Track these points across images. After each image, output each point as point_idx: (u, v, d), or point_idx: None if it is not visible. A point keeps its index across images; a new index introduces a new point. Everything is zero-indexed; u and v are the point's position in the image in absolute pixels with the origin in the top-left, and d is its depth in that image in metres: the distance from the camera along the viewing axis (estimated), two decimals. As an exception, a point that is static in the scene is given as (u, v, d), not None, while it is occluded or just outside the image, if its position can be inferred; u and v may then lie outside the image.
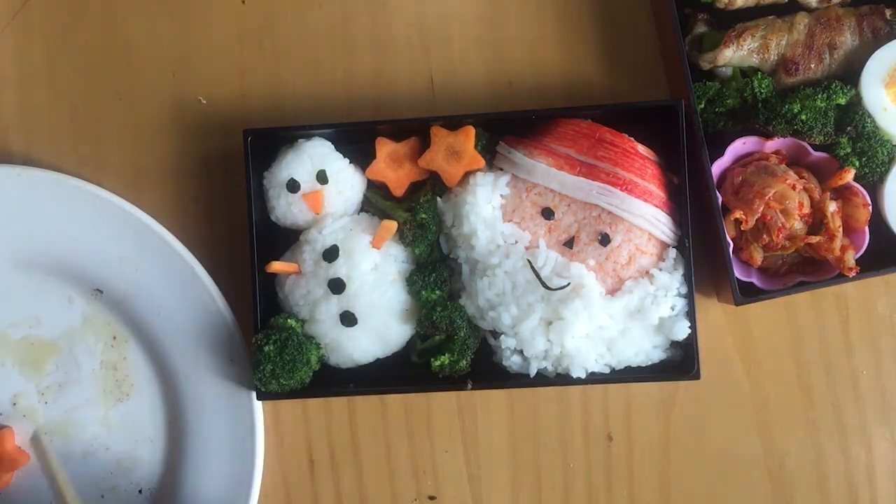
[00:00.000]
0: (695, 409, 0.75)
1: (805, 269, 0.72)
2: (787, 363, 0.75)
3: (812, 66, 0.70)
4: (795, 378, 0.75)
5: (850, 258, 0.68)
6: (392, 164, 0.71)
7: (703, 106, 0.70)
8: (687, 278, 0.68)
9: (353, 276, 0.67)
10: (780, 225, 0.69)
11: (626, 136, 0.69)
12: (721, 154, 0.71)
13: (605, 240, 0.67)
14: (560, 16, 0.77)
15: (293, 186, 0.69)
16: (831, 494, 0.74)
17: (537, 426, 0.75)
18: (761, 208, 0.68)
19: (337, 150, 0.71)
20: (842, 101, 0.69)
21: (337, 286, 0.67)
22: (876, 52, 0.69)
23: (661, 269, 0.68)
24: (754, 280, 0.71)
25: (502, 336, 0.67)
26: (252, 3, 0.78)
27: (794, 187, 0.68)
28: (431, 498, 0.75)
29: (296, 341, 0.67)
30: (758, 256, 0.70)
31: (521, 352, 0.68)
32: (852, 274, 0.68)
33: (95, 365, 0.74)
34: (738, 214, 0.69)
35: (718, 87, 0.71)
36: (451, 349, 0.67)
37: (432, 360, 0.67)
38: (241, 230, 0.71)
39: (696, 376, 0.67)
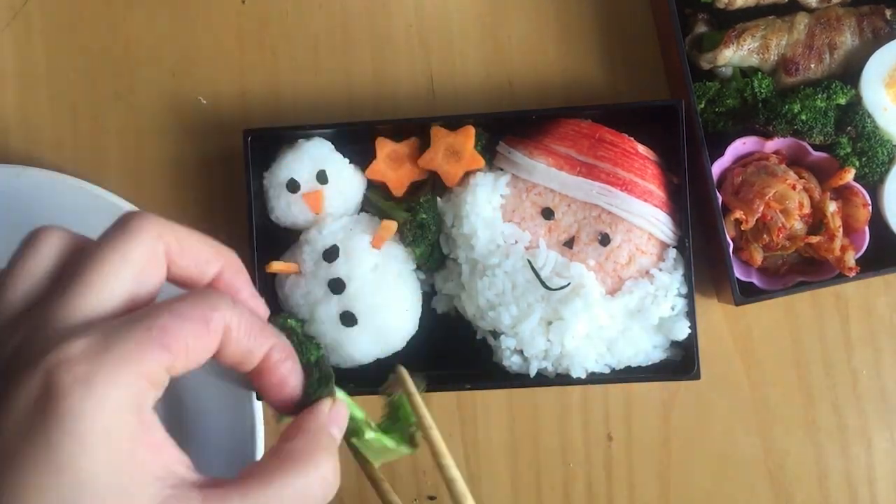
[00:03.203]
0: (695, 409, 0.75)
1: (805, 269, 0.72)
2: (787, 363, 0.75)
3: (812, 66, 0.70)
4: (795, 378, 0.75)
5: (850, 258, 0.68)
6: (392, 164, 0.71)
7: (703, 106, 0.70)
8: (687, 278, 0.68)
9: (353, 276, 0.67)
10: (781, 225, 0.69)
11: (626, 136, 0.69)
12: (721, 154, 0.71)
13: (605, 240, 0.67)
14: (560, 16, 0.77)
15: (293, 186, 0.69)
16: (831, 494, 0.74)
17: (537, 426, 0.75)
18: (761, 208, 0.68)
19: (337, 150, 0.71)
20: (842, 101, 0.69)
21: (337, 286, 0.67)
22: (876, 52, 0.69)
23: (661, 269, 0.68)
24: (754, 280, 0.71)
25: (502, 336, 0.67)
26: (252, 3, 0.78)
27: (794, 187, 0.68)
28: (431, 498, 0.75)
29: (296, 341, 0.66)
30: (758, 256, 0.70)
31: (521, 352, 0.68)
32: (852, 274, 0.68)
33: (95, 365, 0.74)
34: (738, 214, 0.69)
35: (718, 87, 0.71)
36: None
37: None
38: (241, 230, 0.70)
39: (697, 376, 0.67)
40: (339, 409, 0.45)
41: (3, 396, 0.36)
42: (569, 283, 0.66)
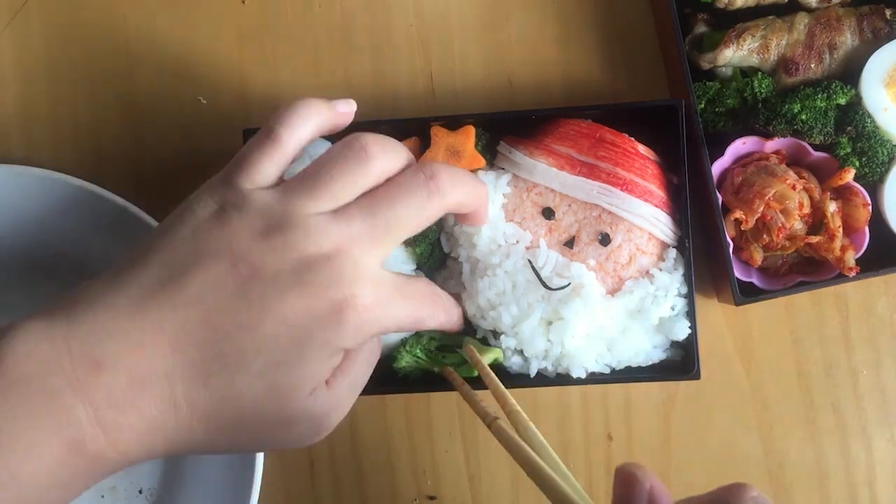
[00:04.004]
0: (695, 409, 0.75)
1: (805, 269, 0.72)
2: (787, 363, 0.75)
3: (812, 66, 0.70)
4: (795, 378, 0.75)
5: (850, 258, 0.68)
6: (392, 163, 0.70)
7: (703, 106, 0.70)
8: (687, 278, 0.68)
9: (353, 275, 0.67)
10: (781, 225, 0.69)
11: (626, 136, 0.69)
12: (721, 154, 0.71)
13: (605, 240, 0.67)
14: (560, 16, 0.77)
15: (293, 186, 0.68)
16: (831, 494, 0.74)
17: (537, 426, 0.74)
18: (761, 208, 0.68)
19: (337, 150, 0.71)
20: (842, 101, 0.69)
21: (337, 286, 0.67)
22: (876, 52, 0.69)
23: (661, 269, 0.68)
24: (754, 280, 0.71)
25: (503, 336, 0.67)
26: (252, 3, 0.78)
27: (794, 187, 0.68)
28: (431, 498, 0.75)
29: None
30: (758, 256, 0.70)
31: (521, 352, 0.68)
32: (852, 274, 0.68)
33: (95, 365, 0.74)
34: (738, 214, 0.69)
35: (718, 87, 0.71)
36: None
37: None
38: (242, 230, 0.70)
39: (696, 376, 0.67)
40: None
41: (308, 287, 0.49)
42: (569, 283, 0.66)
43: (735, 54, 0.70)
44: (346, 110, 0.58)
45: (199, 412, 0.48)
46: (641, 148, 0.69)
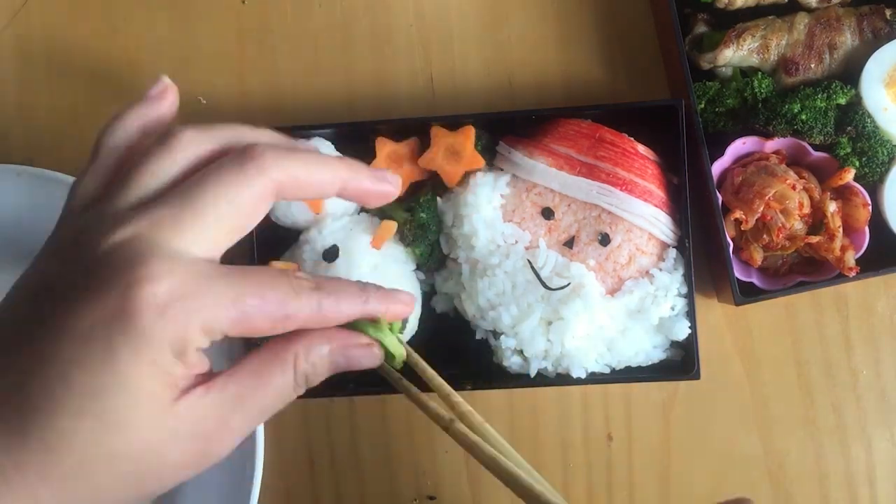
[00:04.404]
0: (695, 409, 0.75)
1: (805, 269, 0.72)
2: (787, 363, 0.75)
3: (812, 66, 0.70)
4: (795, 378, 0.75)
5: (850, 258, 0.68)
6: (392, 164, 0.71)
7: (703, 106, 0.70)
8: (687, 278, 0.68)
9: (352, 276, 0.67)
10: (781, 225, 0.69)
11: (626, 136, 0.69)
12: (721, 154, 0.71)
13: (605, 240, 0.67)
14: (560, 16, 0.77)
15: (293, 186, 0.68)
16: (831, 494, 0.74)
17: (537, 426, 0.75)
18: (761, 208, 0.68)
19: (337, 150, 0.71)
20: (842, 101, 0.69)
21: (337, 286, 0.67)
22: (876, 52, 0.69)
23: (661, 269, 0.68)
24: (754, 280, 0.71)
25: (502, 336, 0.67)
26: (252, 3, 0.78)
27: (794, 187, 0.68)
28: (431, 498, 0.75)
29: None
30: (758, 256, 0.70)
31: (521, 352, 0.68)
32: (852, 274, 0.68)
33: (95, 365, 0.74)
34: (738, 214, 0.69)
35: (718, 87, 0.71)
36: None
37: None
38: (241, 230, 0.70)
39: (696, 376, 0.67)
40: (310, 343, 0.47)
41: (95, 284, 0.39)
42: (569, 283, 0.66)
43: (735, 54, 0.70)
44: (155, 93, 0.49)
45: (32, 480, 0.39)
46: (641, 148, 0.69)
